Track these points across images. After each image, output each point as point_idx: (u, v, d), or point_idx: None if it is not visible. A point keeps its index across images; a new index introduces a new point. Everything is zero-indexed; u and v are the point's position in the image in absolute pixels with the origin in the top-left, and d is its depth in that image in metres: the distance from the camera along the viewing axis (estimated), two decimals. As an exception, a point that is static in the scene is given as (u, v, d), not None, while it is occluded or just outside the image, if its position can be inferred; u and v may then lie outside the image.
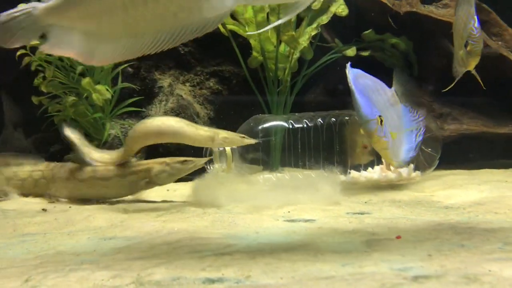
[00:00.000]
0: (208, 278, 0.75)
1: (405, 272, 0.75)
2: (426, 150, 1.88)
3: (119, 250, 0.96)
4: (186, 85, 2.16)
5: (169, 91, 2.12)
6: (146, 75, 2.16)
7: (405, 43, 2.20)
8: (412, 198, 1.47)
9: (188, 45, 2.21)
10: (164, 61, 2.19)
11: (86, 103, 1.97)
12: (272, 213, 1.28)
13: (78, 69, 1.91)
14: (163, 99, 2.10)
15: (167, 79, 2.16)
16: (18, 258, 0.96)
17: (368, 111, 1.37)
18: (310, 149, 1.72)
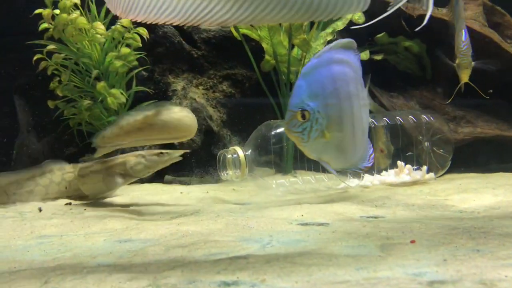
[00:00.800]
0: (223, 281, 0.76)
1: (420, 277, 0.75)
2: (438, 151, 1.88)
3: (135, 253, 0.97)
4: (199, 88, 2.17)
5: (182, 94, 2.13)
6: (160, 79, 2.18)
7: (418, 46, 2.19)
8: (426, 202, 1.47)
9: (201, 49, 2.23)
10: (177, 64, 2.21)
11: (101, 106, 1.99)
12: (285, 216, 1.28)
13: (94, 73, 1.94)
14: (177, 103, 2.12)
15: (181, 82, 2.18)
16: (36, 260, 0.98)
17: (296, 101, 1.28)
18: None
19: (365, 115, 1.37)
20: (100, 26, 1.91)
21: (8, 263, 0.96)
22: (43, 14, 1.90)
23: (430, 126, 1.89)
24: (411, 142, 1.86)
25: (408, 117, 1.86)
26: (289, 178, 1.76)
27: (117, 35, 1.97)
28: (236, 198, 1.68)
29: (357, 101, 1.32)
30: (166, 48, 2.18)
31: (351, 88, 1.31)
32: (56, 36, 1.92)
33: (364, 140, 1.38)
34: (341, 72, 1.30)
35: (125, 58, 1.98)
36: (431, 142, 1.88)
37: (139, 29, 1.99)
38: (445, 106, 2.22)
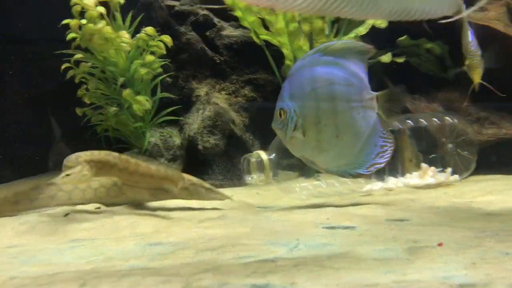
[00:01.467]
0: (254, 284, 0.78)
1: (449, 280, 0.75)
2: (462, 153, 1.86)
3: (166, 256, 1.00)
4: (222, 93, 2.20)
5: (206, 99, 2.17)
6: (184, 85, 2.22)
7: (440, 48, 2.18)
8: (451, 205, 1.46)
9: (224, 54, 2.26)
10: (200, 70, 2.25)
11: (127, 113, 2.04)
12: (311, 219, 1.29)
13: (120, 80, 1.99)
14: (200, 107, 2.15)
15: (204, 88, 2.21)
16: (71, 263, 1.01)
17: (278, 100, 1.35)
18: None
19: (363, 119, 1.35)
20: (125, 35, 1.96)
21: (45, 266, 0.99)
22: (71, 24, 1.95)
23: (454, 127, 1.88)
24: (435, 144, 1.86)
25: (432, 119, 1.85)
26: (313, 181, 1.77)
27: (142, 43, 2.01)
28: (261, 202, 1.70)
29: (346, 103, 1.33)
30: (189, 54, 2.22)
31: (337, 90, 1.32)
32: (83, 45, 1.97)
33: (356, 144, 1.36)
34: (324, 73, 1.32)
35: (149, 66, 2.02)
36: (455, 144, 1.87)
37: (163, 37, 2.03)
38: (469, 107, 2.20)
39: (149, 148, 2.07)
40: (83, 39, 1.95)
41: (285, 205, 1.61)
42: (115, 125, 2.03)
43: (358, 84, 1.34)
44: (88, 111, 2.05)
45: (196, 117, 2.12)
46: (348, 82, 1.33)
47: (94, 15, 1.94)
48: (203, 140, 2.03)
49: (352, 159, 1.37)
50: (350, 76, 1.33)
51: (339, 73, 1.32)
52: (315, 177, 1.86)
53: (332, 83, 1.32)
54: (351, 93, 1.33)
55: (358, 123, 1.34)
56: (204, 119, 2.07)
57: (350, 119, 1.33)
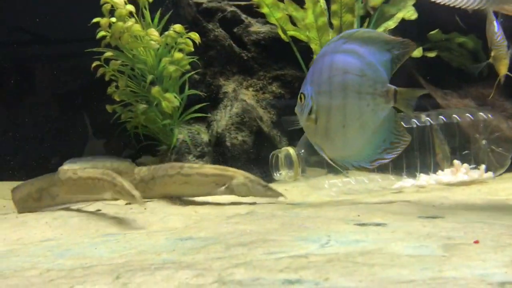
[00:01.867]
0: (287, 279, 0.77)
1: (488, 278, 0.73)
2: (497, 150, 1.81)
3: (198, 251, 1.00)
4: (249, 90, 2.20)
5: (233, 96, 2.17)
6: (212, 81, 2.22)
7: (473, 42, 2.12)
8: (486, 202, 1.42)
9: (251, 51, 2.26)
10: (228, 67, 2.25)
11: (156, 110, 2.06)
12: (341, 216, 1.28)
13: (149, 78, 2.01)
14: (228, 104, 2.16)
15: (231, 84, 2.21)
16: (104, 257, 1.03)
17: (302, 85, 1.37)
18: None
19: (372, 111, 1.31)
20: (154, 32, 1.98)
21: (79, 259, 1.01)
22: (101, 22, 1.98)
23: (488, 123, 1.83)
24: (468, 140, 1.81)
25: (465, 115, 1.80)
26: (342, 178, 1.75)
27: (170, 40, 2.03)
28: (290, 199, 1.69)
29: (356, 93, 1.30)
30: (217, 51, 2.23)
31: (349, 79, 1.30)
32: (113, 44, 2.00)
33: (362, 136, 1.33)
34: (341, 61, 1.30)
35: (178, 63, 2.04)
36: (489, 140, 1.82)
37: (191, 34, 2.04)
38: (503, 103, 2.14)
39: (177, 145, 2.09)
40: (113, 37, 1.98)
41: (314, 201, 1.60)
42: (144, 122, 2.05)
43: (372, 76, 1.30)
44: (118, 108, 2.08)
45: (223, 113, 2.13)
46: (361, 72, 1.30)
47: (124, 13, 1.96)
48: (231, 137, 2.03)
49: (357, 150, 1.34)
50: (365, 66, 1.30)
51: (355, 62, 1.30)
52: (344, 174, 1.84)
53: (346, 72, 1.30)
54: (362, 84, 1.30)
55: (366, 115, 1.31)
56: (232, 116, 2.07)
57: (358, 110, 1.30)
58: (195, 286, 0.76)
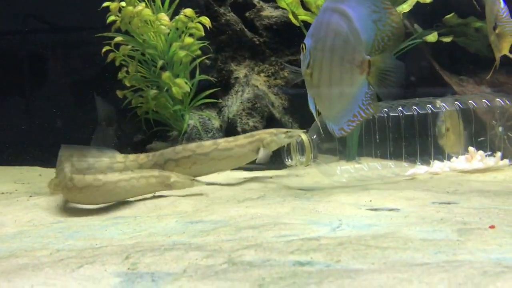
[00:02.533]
0: (297, 261, 0.76)
1: (505, 261, 0.71)
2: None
3: (208, 233, 1.00)
4: (261, 76, 2.18)
5: (245, 81, 2.15)
6: (223, 67, 2.20)
7: (490, 27, 2.07)
8: (502, 188, 1.39)
9: (263, 36, 2.23)
10: (239, 52, 2.23)
11: (166, 95, 2.05)
12: (353, 201, 1.26)
13: (159, 63, 1.99)
14: (239, 90, 2.14)
15: (243, 70, 2.19)
16: (115, 238, 1.03)
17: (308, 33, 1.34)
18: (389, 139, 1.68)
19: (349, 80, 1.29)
20: (164, 17, 1.96)
21: (89, 240, 1.01)
22: (111, 7, 1.97)
23: (505, 110, 1.79)
24: (484, 127, 1.77)
25: (482, 101, 1.76)
26: (354, 164, 1.73)
27: (181, 25, 2.01)
28: (301, 184, 1.68)
29: (340, 59, 1.27)
30: (228, 36, 2.20)
31: (337, 43, 1.27)
32: (123, 28, 1.99)
33: (341, 102, 1.31)
34: (335, 23, 1.27)
35: (188, 48, 2.02)
36: (506, 126, 1.78)
37: (202, 19, 2.02)
38: (520, 89, 2.10)
39: (188, 131, 2.08)
40: (122, 22, 1.96)
41: (326, 187, 1.58)
42: (154, 107, 2.04)
43: (353, 44, 1.26)
44: (128, 94, 2.07)
45: (235, 99, 2.11)
46: (346, 38, 1.26)
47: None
48: (242, 123, 2.01)
49: (335, 115, 1.33)
50: (350, 33, 1.26)
51: (344, 26, 1.26)
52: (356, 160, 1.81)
53: (336, 34, 1.27)
54: (346, 51, 1.27)
55: (345, 82, 1.29)
56: (243, 102, 2.05)
57: (339, 76, 1.29)
58: (205, 267, 0.75)
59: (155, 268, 0.76)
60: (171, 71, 2.02)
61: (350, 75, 1.28)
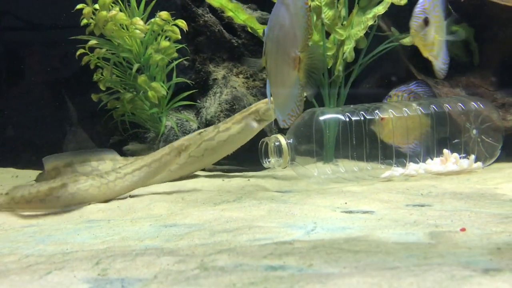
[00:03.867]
0: (270, 266, 0.76)
1: (474, 265, 0.72)
2: (487, 140, 1.81)
3: (181, 237, 0.99)
4: (239, 77, 2.17)
5: (223, 83, 2.14)
6: (201, 68, 2.19)
7: (465, 31, 2.10)
8: (474, 191, 1.42)
9: (241, 37, 2.23)
10: (218, 53, 2.22)
11: (143, 98, 2.02)
12: (329, 204, 1.27)
13: (135, 66, 1.97)
14: (217, 91, 2.13)
15: (221, 71, 2.18)
16: (86, 243, 1.01)
17: None
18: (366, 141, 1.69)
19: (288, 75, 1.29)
20: (139, 22, 1.92)
21: (61, 245, 0.99)
22: (84, 11, 1.93)
23: (479, 113, 1.82)
24: (459, 130, 1.80)
25: (456, 104, 1.79)
26: (331, 166, 1.74)
27: (156, 28, 1.98)
28: (278, 186, 1.68)
29: (283, 51, 1.27)
30: (207, 37, 2.19)
31: (281, 36, 1.26)
32: (97, 33, 1.95)
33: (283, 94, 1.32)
34: (282, 15, 1.26)
35: (164, 51, 1.99)
36: (480, 130, 1.81)
37: (178, 21, 2.00)
38: (494, 93, 2.13)
39: (166, 132, 2.06)
40: (96, 27, 1.93)
41: (303, 189, 1.59)
42: (131, 110, 2.02)
43: (291, 38, 1.25)
44: (103, 97, 2.04)
45: (213, 100, 2.10)
46: (287, 32, 1.26)
47: (107, 2, 1.91)
48: (220, 124, 2.00)
49: (279, 105, 1.34)
50: (290, 27, 1.26)
51: (287, 20, 1.25)
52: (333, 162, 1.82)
53: (281, 27, 1.26)
54: (286, 44, 1.26)
55: (285, 75, 1.29)
56: (222, 103, 2.04)
57: (281, 68, 1.28)
58: (176, 272, 0.74)
59: (125, 274, 0.75)
60: (147, 74, 2.00)
61: (288, 69, 1.28)
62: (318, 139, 1.71)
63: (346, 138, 1.69)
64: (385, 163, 1.70)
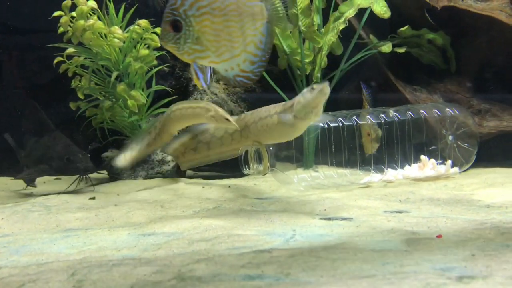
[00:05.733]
0: (248, 275, 0.76)
1: (448, 272, 0.73)
2: (463, 145, 1.84)
3: (159, 246, 0.98)
4: (220, 83, 2.17)
5: (203, 89, 2.14)
6: (181, 74, 2.18)
7: (442, 38, 2.15)
8: (451, 197, 1.44)
9: (222, 44, 2.22)
10: (198, 60, 2.21)
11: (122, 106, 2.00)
12: (308, 211, 1.28)
13: (114, 74, 1.95)
14: (197, 97, 2.12)
15: (202, 77, 2.18)
16: (62, 253, 0.99)
17: None
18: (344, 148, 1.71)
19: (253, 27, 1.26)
20: (117, 31, 1.90)
21: (36, 255, 0.97)
22: (61, 20, 1.89)
23: (455, 119, 1.85)
24: (435, 136, 1.83)
25: (432, 111, 1.82)
26: (311, 173, 1.75)
27: (135, 35, 1.97)
28: (258, 193, 1.68)
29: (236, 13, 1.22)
30: (187, 43, 2.19)
31: None
32: (74, 42, 1.91)
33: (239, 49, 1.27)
34: None
35: (143, 60, 1.98)
36: (456, 136, 1.84)
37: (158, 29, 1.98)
38: (470, 99, 2.18)
39: (146, 139, 2.04)
40: (74, 36, 1.90)
41: (283, 196, 1.59)
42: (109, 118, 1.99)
43: None
44: (82, 104, 2.01)
45: (193, 107, 2.09)
46: None
47: (85, 10, 1.89)
48: (200, 131, 1.99)
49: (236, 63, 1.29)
50: None
51: None
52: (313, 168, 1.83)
53: None
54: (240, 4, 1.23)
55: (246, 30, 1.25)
56: (202, 109, 2.03)
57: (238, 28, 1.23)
58: (152, 283, 0.73)
59: (101, 285, 0.74)
60: (126, 81, 1.98)
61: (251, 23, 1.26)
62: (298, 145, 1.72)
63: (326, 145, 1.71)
64: (364, 169, 1.72)
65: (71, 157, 1.77)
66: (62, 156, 1.79)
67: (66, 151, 1.80)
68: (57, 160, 1.80)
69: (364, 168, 1.71)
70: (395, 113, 1.75)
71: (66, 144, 1.84)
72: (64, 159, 1.77)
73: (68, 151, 1.79)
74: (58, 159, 1.79)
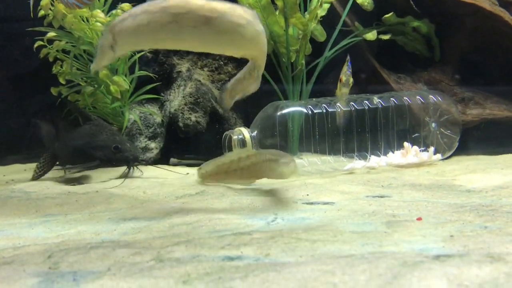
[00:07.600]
0: (227, 256, 0.75)
1: (426, 251, 0.74)
2: (446, 132, 1.85)
3: (139, 230, 0.97)
4: (204, 70, 2.15)
5: (187, 76, 2.11)
6: (165, 60, 2.16)
7: (427, 26, 2.15)
8: (433, 182, 1.45)
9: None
10: (182, 46, 2.19)
11: (104, 91, 1.98)
12: (290, 196, 1.27)
13: (96, 59, 1.92)
14: (181, 84, 2.10)
15: (186, 64, 2.16)
16: (40, 237, 0.98)
17: None
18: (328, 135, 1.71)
19: None
20: (99, 14, 1.87)
21: (13, 239, 0.96)
22: (41, 4, 1.86)
23: (438, 106, 1.86)
24: (418, 123, 1.84)
25: (416, 98, 1.83)
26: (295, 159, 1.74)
27: (119, 19, 1.93)
28: (242, 180, 1.67)
29: None
30: (170, 29, 2.16)
31: None
32: (55, 25, 1.88)
33: None
34: None
35: (127, 43, 1.95)
36: (439, 123, 1.85)
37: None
38: (454, 87, 2.19)
39: (129, 126, 2.02)
40: (55, 19, 1.87)
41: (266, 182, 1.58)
42: (92, 104, 1.97)
43: None
44: (63, 90, 1.98)
45: (177, 93, 2.07)
46: None
47: (66, -7, 1.85)
48: (184, 117, 1.98)
49: None
50: None
51: None
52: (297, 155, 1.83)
53: None
54: None
55: None
56: (185, 96, 2.01)
57: None
58: (130, 264, 0.73)
59: (78, 266, 0.73)
60: (109, 67, 1.96)
61: None
62: (282, 132, 1.72)
63: (309, 132, 1.70)
64: (348, 156, 1.72)
65: (120, 145, 1.68)
66: (109, 145, 1.68)
67: (113, 140, 1.69)
68: (104, 149, 1.69)
69: (347, 155, 1.71)
70: (379, 100, 1.75)
71: (112, 132, 1.74)
72: (112, 148, 1.68)
73: (116, 140, 1.69)
74: (105, 148, 1.68)
